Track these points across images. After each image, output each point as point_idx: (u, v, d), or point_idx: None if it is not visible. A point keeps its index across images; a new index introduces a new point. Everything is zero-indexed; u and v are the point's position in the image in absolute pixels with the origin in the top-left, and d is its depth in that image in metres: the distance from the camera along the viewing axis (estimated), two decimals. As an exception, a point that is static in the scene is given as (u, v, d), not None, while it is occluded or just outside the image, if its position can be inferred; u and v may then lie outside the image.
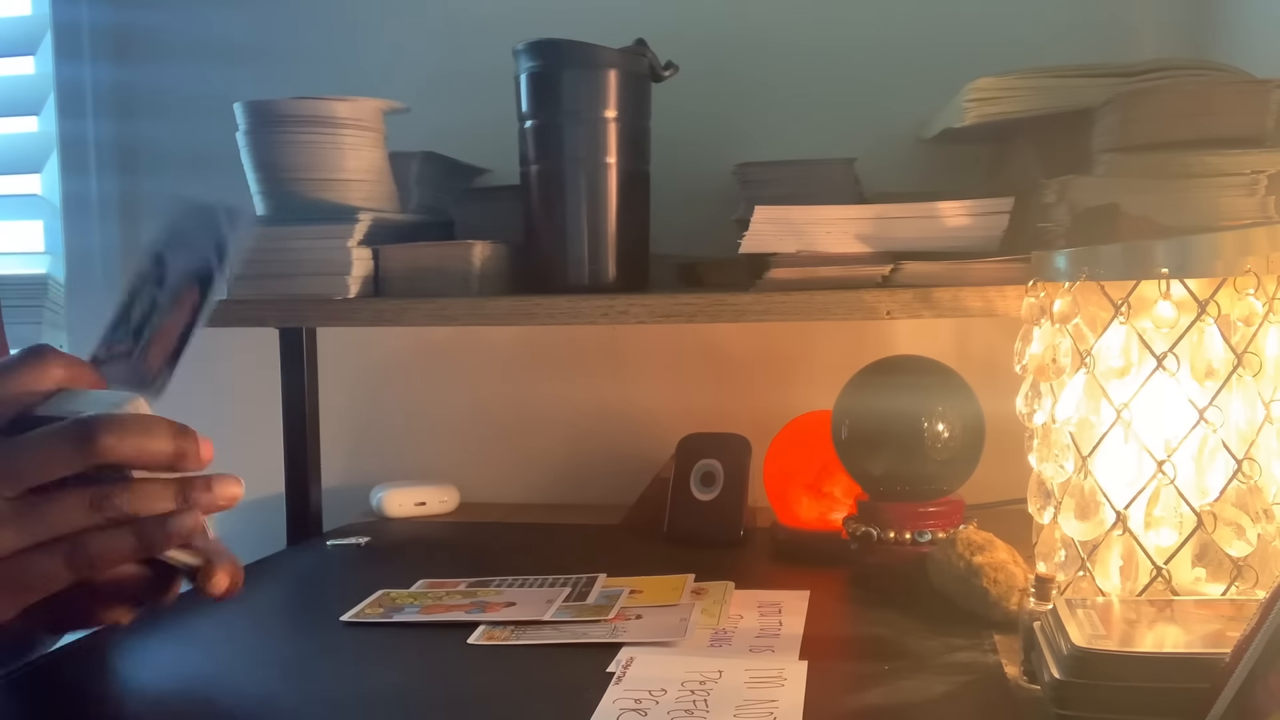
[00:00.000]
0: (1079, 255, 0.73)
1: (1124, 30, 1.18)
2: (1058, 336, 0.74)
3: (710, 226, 1.17)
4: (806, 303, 0.93)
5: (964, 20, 1.22)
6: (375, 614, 0.82)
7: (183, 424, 0.61)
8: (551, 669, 0.71)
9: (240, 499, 0.62)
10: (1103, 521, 0.72)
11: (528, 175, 1.06)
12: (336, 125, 1.05)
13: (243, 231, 0.69)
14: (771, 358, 1.27)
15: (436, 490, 1.24)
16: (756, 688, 0.65)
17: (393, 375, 1.36)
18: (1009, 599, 0.77)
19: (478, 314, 1.01)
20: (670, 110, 1.10)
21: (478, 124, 1.23)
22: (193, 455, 0.61)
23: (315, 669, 0.73)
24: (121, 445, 0.58)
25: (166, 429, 0.60)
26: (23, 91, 1.42)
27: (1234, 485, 0.68)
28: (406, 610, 0.82)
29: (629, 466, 1.25)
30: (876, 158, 1.17)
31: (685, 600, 0.84)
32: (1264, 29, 1.05)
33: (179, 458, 0.60)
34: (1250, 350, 0.68)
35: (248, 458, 1.37)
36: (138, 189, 1.39)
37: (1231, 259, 0.67)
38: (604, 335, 1.31)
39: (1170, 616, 0.63)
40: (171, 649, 0.76)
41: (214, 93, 1.26)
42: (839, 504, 0.99)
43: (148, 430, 0.59)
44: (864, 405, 0.91)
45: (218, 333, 1.33)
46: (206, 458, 0.61)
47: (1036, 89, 0.94)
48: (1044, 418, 0.76)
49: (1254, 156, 0.86)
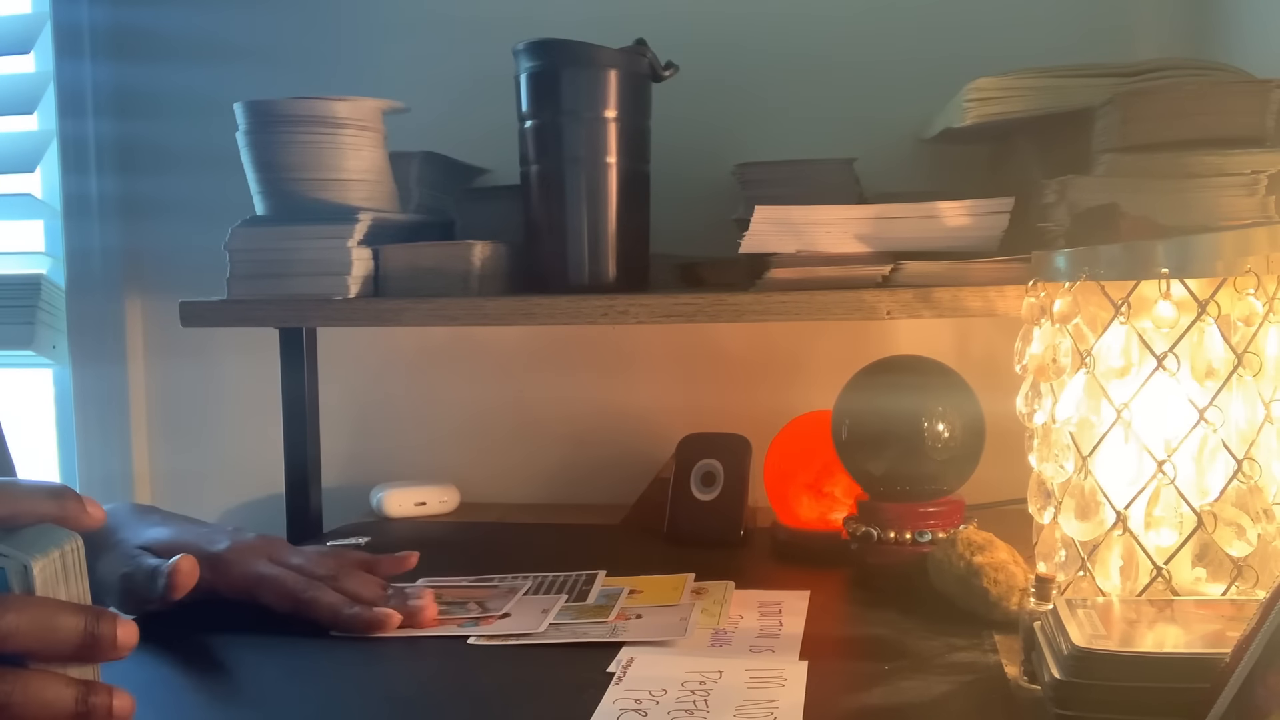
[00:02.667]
0: (1079, 255, 0.73)
1: (1124, 30, 1.18)
2: (1058, 336, 0.74)
3: (710, 226, 1.17)
4: (806, 303, 0.93)
5: (964, 20, 1.21)
6: None
7: (100, 607, 0.54)
8: (551, 669, 0.71)
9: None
10: (1103, 521, 0.72)
11: (528, 175, 1.06)
12: (336, 125, 1.05)
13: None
14: (771, 358, 1.27)
15: (436, 490, 1.24)
16: (757, 688, 0.65)
17: (393, 375, 1.36)
18: (1009, 599, 0.77)
19: (478, 314, 1.01)
20: (670, 110, 1.10)
21: (478, 124, 1.24)
22: (106, 644, 0.53)
23: (315, 669, 0.73)
24: (21, 631, 0.51)
25: (77, 614, 0.53)
26: (22, 90, 1.42)
27: (1234, 485, 0.68)
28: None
29: (629, 466, 1.25)
30: (876, 158, 1.17)
31: (685, 600, 0.84)
32: (1264, 29, 1.05)
33: (88, 648, 0.53)
34: (1250, 350, 0.68)
35: (248, 458, 1.39)
36: (138, 189, 1.39)
37: (1232, 259, 0.67)
38: (604, 335, 1.31)
39: (1170, 616, 0.63)
40: (171, 649, 0.76)
41: (214, 93, 1.27)
42: (839, 504, 0.99)
43: (56, 613, 0.52)
44: (864, 405, 0.91)
45: (218, 333, 1.34)
46: (124, 645, 0.54)
47: (1036, 89, 0.94)
48: (1044, 418, 0.76)
49: (1254, 156, 0.86)
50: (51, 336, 1.41)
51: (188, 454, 1.41)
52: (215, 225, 1.08)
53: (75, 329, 1.40)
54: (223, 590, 0.80)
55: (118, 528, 0.84)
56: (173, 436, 1.42)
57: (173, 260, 1.38)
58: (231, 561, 0.81)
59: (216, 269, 1.06)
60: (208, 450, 1.40)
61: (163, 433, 1.42)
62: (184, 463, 1.41)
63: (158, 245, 1.39)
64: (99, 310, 1.40)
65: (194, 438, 1.41)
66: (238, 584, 0.80)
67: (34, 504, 0.54)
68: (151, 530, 0.83)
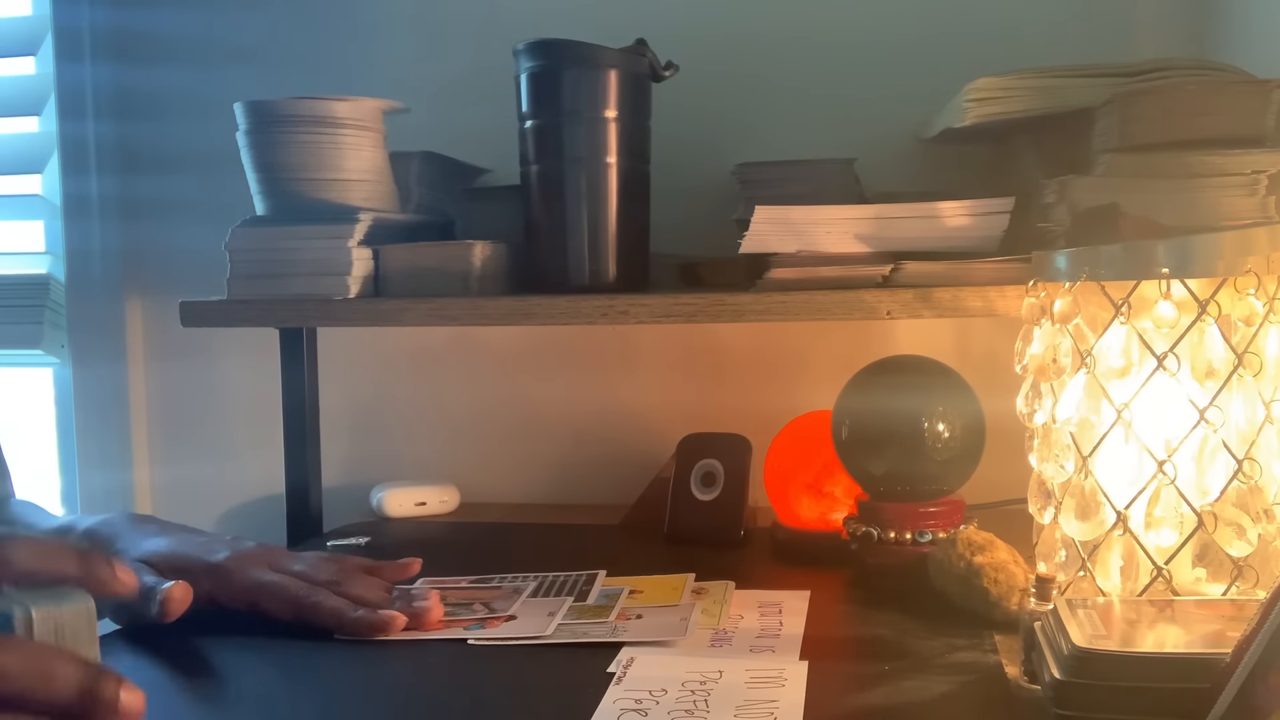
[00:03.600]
0: (1079, 255, 0.73)
1: (1124, 30, 1.18)
2: (1058, 336, 0.74)
3: (710, 226, 1.17)
4: (806, 303, 0.93)
5: (964, 20, 1.21)
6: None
7: (107, 667, 0.51)
8: (551, 669, 0.71)
9: None
10: (1103, 521, 0.72)
11: (528, 175, 1.06)
12: (336, 125, 1.05)
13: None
14: (771, 358, 1.27)
15: (436, 490, 1.24)
16: (757, 688, 0.65)
17: (393, 375, 1.36)
18: (1009, 599, 0.77)
19: (478, 314, 1.01)
20: (670, 110, 1.10)
21: (478, 124, 1.24)
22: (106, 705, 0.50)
23: (315, 668, 0.73)
24: (12, 672, 0.49)
25: (78, 667, 0.50)
26: (23, 92, 1.42)
27: (1234, 485, 0.68)
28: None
29: (629, 466, 1.25)
30: (876, 158, 1.17)
31: (685, 600, 0.84)
32: (1264, 29, 1.05)
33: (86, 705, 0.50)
34: (1251, 350, 0.68)
35: (248, 458, 1.39)
36: (138, 189, 1.39)
37: (1232, 259, 0.67)
38: (604, 335, 1.31)
39: (1171, 617, 0.63)
40: (171, 649, 0.76)
41: (214, 93, 1.27)
42: (839, 504, 0.99)
43: (54, 660, 0.50)
44: (864, 405, 0.91)
45: (218, 333, 1.34)
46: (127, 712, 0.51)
47: (1036, 89, 0.94)
48: (1044, 418, 0.76)
49: (1254, 156, 0.86)
50: (59, 336, 1.41)
51: (188, 455, 1.41)
52: (215, 225, 1.08)
53: (75, 329, 1.40)
54: (224, 600, 0.80)
55: (115, 538, 0.83)
56: (173, 437, 1.42)
57: (173, 260, 1.39)
58: (232, 570, 0.80)
59: (216, 269, 1.06)
60: (208, 451, 1.40)
61: (163, 433, 1.42)
62: (184, 463, 1.41)
63: (158, 245, 1.39)
64: (99, 310, 1.40)
65: (194, 438, 1.41)
66: (239, 593, 0.80)
67: (59, 562, 0.54)
68: (150, 541, 0.83)
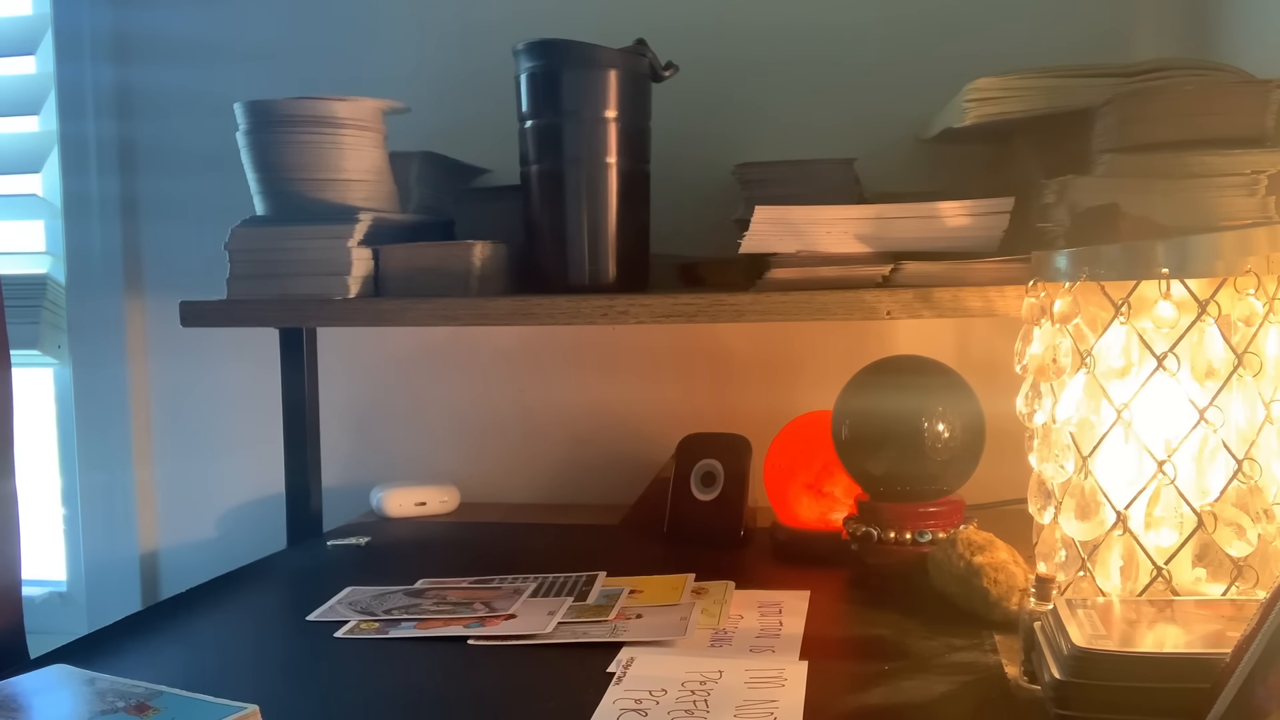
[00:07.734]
0: (1079, 255, 0.73)
1: (1124, 30, 1.18)
2: (1058, 336, 0.74)
3: (710, 226, 1.17)
4: (806, 303, 0.93)
5: (964, 20, 1.22)
6: (370, 630, 0.80)
7: None
8: (551, 669, 0.71)
9: None
10: (1103, 521, 0.72)
11: (528, 175, 1.06)
12: (336, 125, 1.05)
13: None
14: (771, 358, 1.27)
15: (436, 490, 1.24)
16: (757, 688, 0.65)
17: (393, 375, 1.36)
18: (1009, 599, 0.77)
19: (479, 314, 1.01)
20: (670, 110, 1.10)
21: (478, 124, 1.24)
22: None
23: (315, 669, 0.73)
24: None
25: None
26: (23, 91, 1.42)
27: (1234, 485, 0.68)
28: (403, 626, 0.81)
29: (629, 466, 1.25)
30: (876, 158, 1.17)
31: (685, 600, 0.84)
32: (1264, 29, 1.05)
33: None
34: (1250, 350, 0.68)
35: (248, 458, 1.39)
36: (138, 189, 1.40)
37: (1232, 259, 0.67)
38: (604, 335, 1.31)
39: (1170, 617, 0.63)
40: (171, 649, 0.76)
41: (214, 93, 1.27)
42: (839, 504, 0.99)
43: None
44: (864, 405, 0.91)
45: (218, 333, 1.34)
46: None
47: (1036, 89, 0.94)
48: (1044, 418, 0.76)
49: (1254, 156, 0.86)
50: (56, 336, 1.41)
51: (188, 454, 1.41)
52: (215, 225, 1.09)
53: (75, 329, 1.40)
54: None
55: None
56: (173, 437, 1.42)
57: (173, 260, 1.39)
58: None
59: (216, 269, 1.06)
60: (208, 450, 1.40)
61: (163, 433, 1.42)
62: (184, 463, 1.41)
63: (158, 245, 1.39)
64: (99, 310, 1.40)
65: (194, 438, 1.41)
66: None
67: None
68: None
